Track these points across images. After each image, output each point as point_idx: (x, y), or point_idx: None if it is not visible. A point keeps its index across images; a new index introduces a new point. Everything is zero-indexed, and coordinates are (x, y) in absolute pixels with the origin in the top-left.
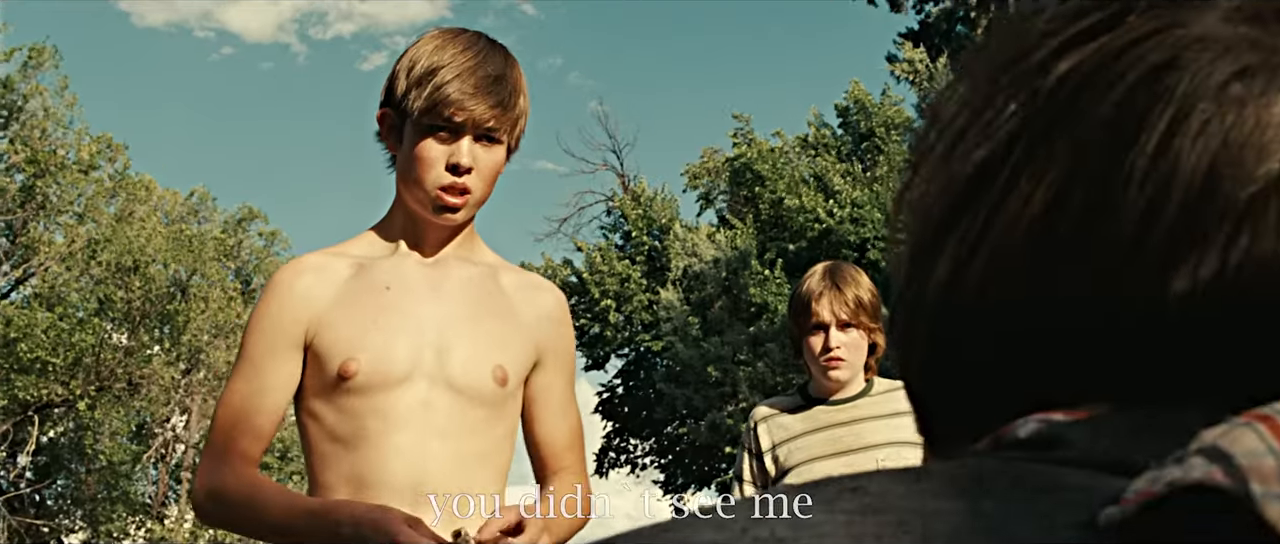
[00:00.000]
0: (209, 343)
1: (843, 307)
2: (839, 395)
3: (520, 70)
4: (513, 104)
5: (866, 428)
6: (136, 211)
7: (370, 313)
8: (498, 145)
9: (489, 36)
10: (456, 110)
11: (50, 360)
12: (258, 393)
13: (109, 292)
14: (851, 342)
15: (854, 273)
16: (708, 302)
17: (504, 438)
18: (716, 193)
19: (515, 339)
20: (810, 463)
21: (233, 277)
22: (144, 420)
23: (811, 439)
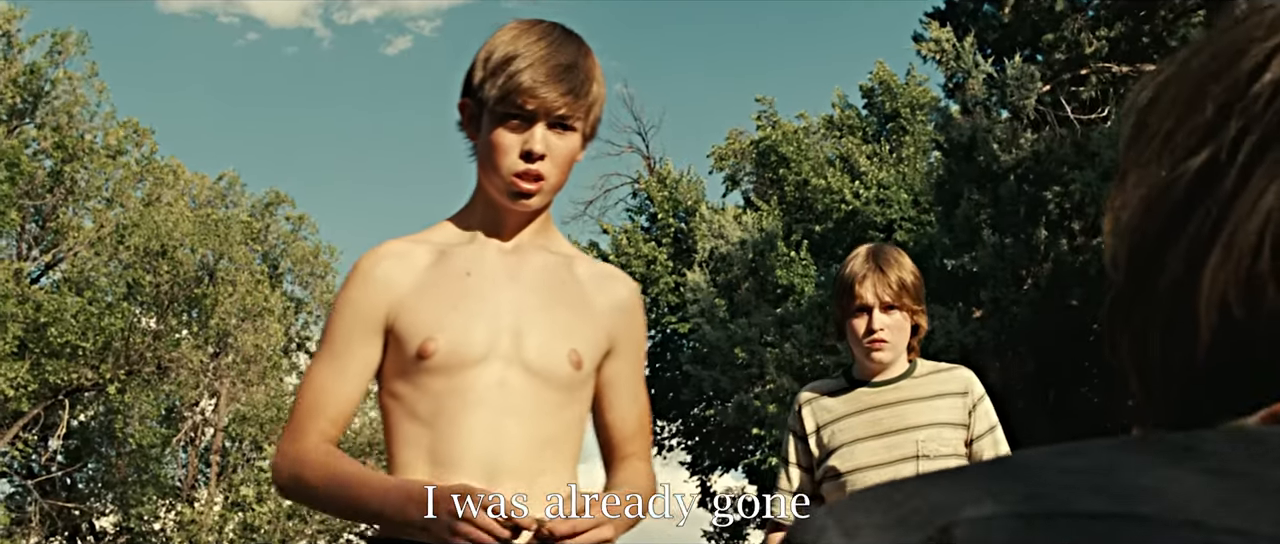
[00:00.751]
0: (237, 326)
1: (886, 288)
2: (881, 377)
3: (595, 59)
4: (585, 92)
5: (908, 409)
6: (164, 196)
7: (450, 296)
8: (571, 132)
9: (565, 27)
10: (528, 98)
11: (80, 344)
12: (337, 376)
13: (138, 276)
14: (894, 323)
15: (897, 255)
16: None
17: (576, 422)
18: (742, 174)
19: (588, 326)
20: (852, 444)
21: (260, 260)
22: (173, 404)
23: (854, 421)
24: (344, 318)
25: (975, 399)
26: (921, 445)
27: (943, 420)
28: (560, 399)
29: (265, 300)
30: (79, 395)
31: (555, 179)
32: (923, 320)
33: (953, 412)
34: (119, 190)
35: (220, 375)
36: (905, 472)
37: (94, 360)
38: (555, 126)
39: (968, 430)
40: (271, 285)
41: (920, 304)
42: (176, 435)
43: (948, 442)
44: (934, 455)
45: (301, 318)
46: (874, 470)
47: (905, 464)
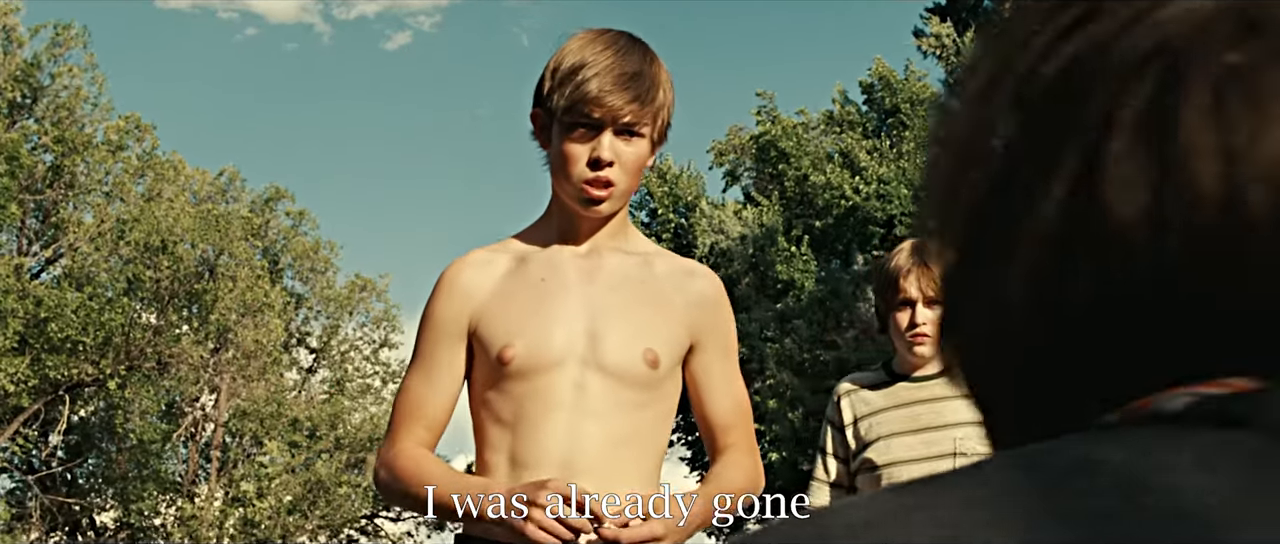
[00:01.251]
0: (237, 322)
1: (930, 283)
2: (921, 372)
3: (661, 66)
4: (650, 98)
5: (947, 406)
6: (164, 191)
7: (527, 302)
8: (639, 139)
9: (631, 35)
10: (594, 106)
11: (81, 340)
12: (427, 385)
13: (138, 271)
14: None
15: None
16: (734, 278)
17: (658, 419)
18: (742, 170)
19: (666, 324)
20: (889, 438)
21: (260, 256)
22: (173, 399)
23: (892, 415)
24: (431, 329)
25: None
26: (959, 443)
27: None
28: (638, 398)
29: (265, 296)
30: (79, 391)
31: (625, 184)
32: None
33: None
34: (119, 185)
35: (220, 371)
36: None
37: (94, 356)
38: (623, 134)
39: None
40: (272, 281)
41: None
42: (177, 431)
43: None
44: (971, 453)
45: (302, 313)
46: (910, 465)
47: (942, 460)
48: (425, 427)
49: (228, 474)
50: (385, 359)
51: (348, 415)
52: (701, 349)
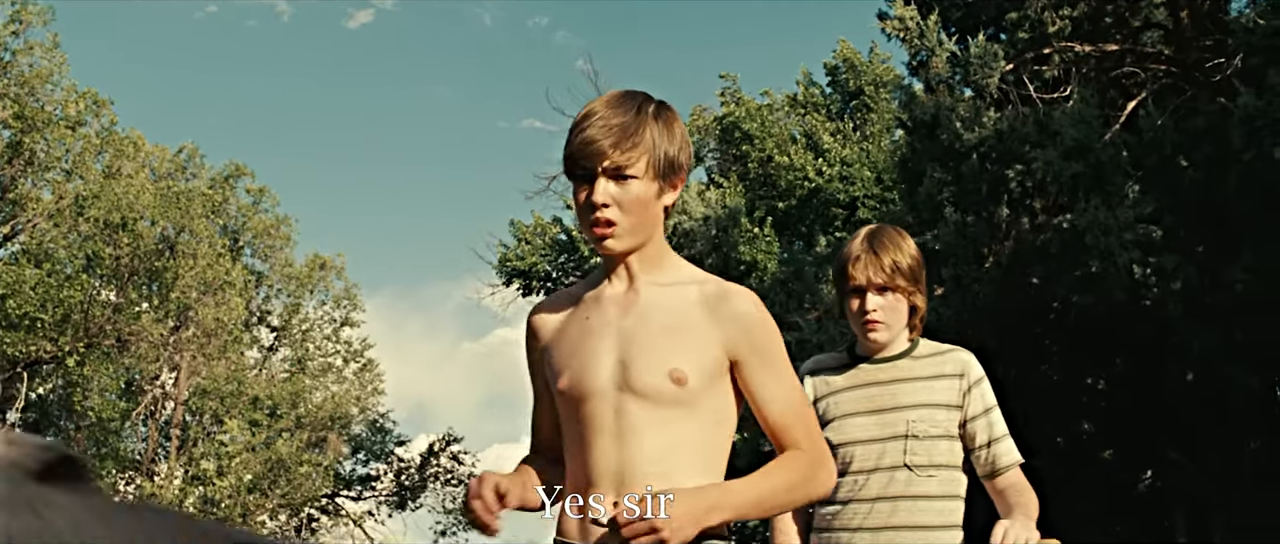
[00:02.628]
0: (197, 300)
1: (878, 270)
2: (881, 355)
3: (653, 111)
4: (631, 142)
5: (903, 388)
6: (124, 168)
7: (572, 341)
8: (633, 180)
9: (634, 92)
10: (580, 157)
11: (39, 317)
12: (536, 403)
13: (97, 248)
14: (888, 304)
15: (896, 237)
16: (698, 259)
17: (700, 429)
18: (706, 151)
19: (696, 343)
20: (846, 418)
21: (220, 233)
22: (133, 377)
23: (849, 395)
24: (529, 364)
25: (972, 381)
26: (911, 425)
27: (936, 402)
28: (674, 414)
29: (226, 274)
30: (37, 368)
31: (627, 222)
32: (920, 302)
33: (947, 393)
34: (79, 162)
35: (180, 349)
36: (893, 449)
37: (53, 333)
38: (615, 178)
39: (962, 412)
40: (232, 258)
41: (917, 285)
42: (136, 409)
43: (938, 423)
44: (923, 435)
45: (262, 291)
46: (864, 445)
47: (894, 442)
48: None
49: (188, 452)
50: (346, 338)
51: (309, 394)
52: (743, 363)
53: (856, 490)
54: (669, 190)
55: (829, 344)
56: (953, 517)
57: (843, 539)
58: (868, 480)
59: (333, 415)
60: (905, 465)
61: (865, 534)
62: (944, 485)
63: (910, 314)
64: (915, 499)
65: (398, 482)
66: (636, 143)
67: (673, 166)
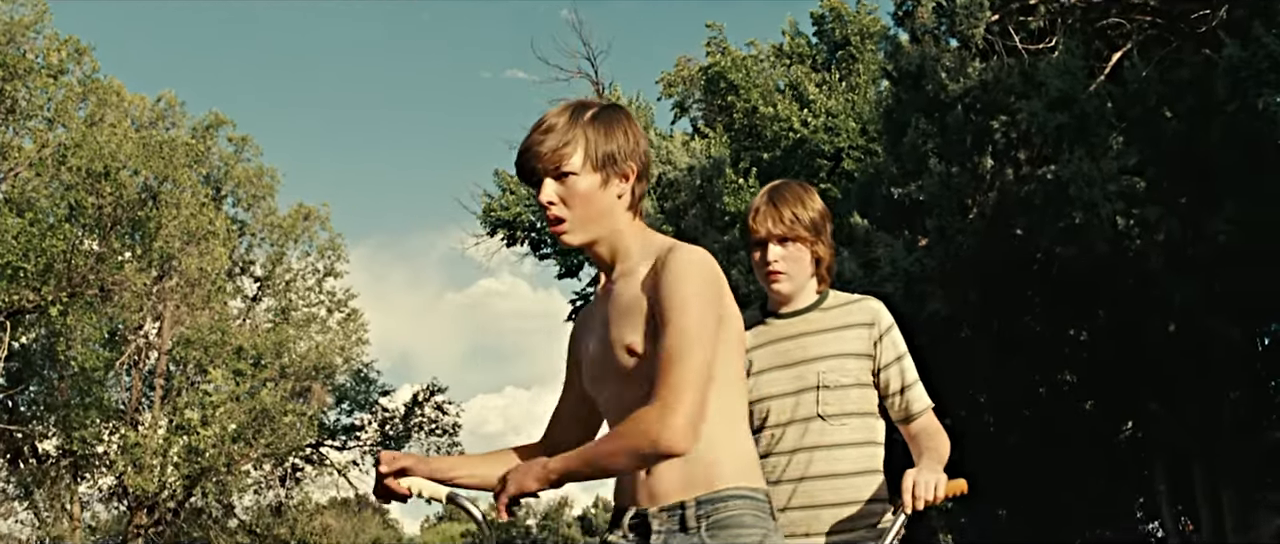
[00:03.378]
0: (181, 249)
1: (778, 222)
2: (789, 308)
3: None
4: (555, 142)
5: (812, 341)
6: (107, 117)
7: (584, 329)
8: (572, 176)
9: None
10: (522, 164)
11: (21, 266)
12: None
13: (79, 197)
14: (789, 255)
15: (799, 191)
16: (682, 209)
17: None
18: (691, 101)
19: (636, 316)
20: (760, 375)
21: (203, 183)
22: (116, 327)
23: (761, 352)
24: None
25: (882, 330)
26: (822, 376)
27: (847, 351)
28: (638, 388)
29: (210, 223)
30: (20, 317)
31: (575, 216)
32: (824, 253)
33: (857, 343)
34: (61, 110)
35: (164, 298)
36: (806, 401)
37: (36, 282)
38: (556, 177)
39: (874, 360)
40: (215, 208)
41: (819, 237)
42: (120, 358)
43: (849, 372)
44: (835, 386)
45: (245, 241)
46: (778, 399)
47: (807, 393)
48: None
49: (172, 402)
50: (330, 288)
51: (293, 344)
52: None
53: (774, 444)
54: (616, 180)
55: None
56: (870, 462)
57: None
58: (784, 433)
59: (317, 365)
60: (818, 416)
61: (785, 486)
62: (857, 432)
63: (816, 266)
64: (831, 448)
65: (382, 432)
66: (569, 140)
67: (613, 159)
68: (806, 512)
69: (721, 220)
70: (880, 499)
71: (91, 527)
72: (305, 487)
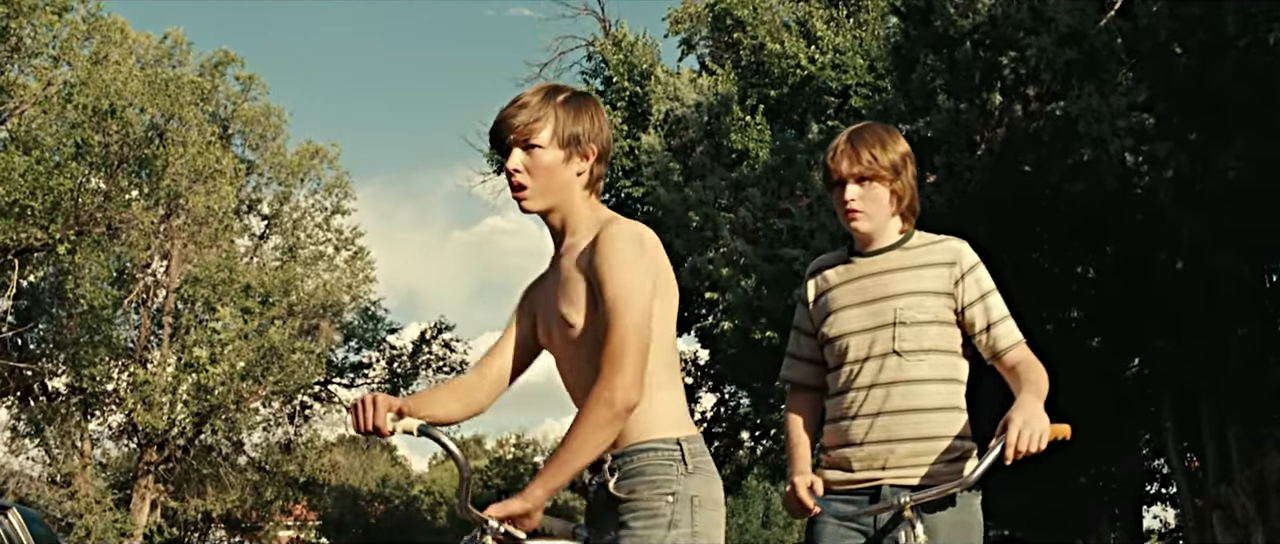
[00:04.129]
0: (188, 188)
1: (854, 162)
2: (872, 247)
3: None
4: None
5: (892, 278)
6: (112, 55)
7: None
8: (537, 148)
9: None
10: (495, 134)
11: (29, 204)
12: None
13: (86, 135)
14: (868, 195)
15: (880, 132)
16: (689, 147)
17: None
18: (698, 38)
19: (577, 291)
20: (840, 311)
21: (210, 121)
22: (124, 265)
23: (843, 290)
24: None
25: (964, 269)
26: (899, 313)
27: (925, 289)
28: (584, 351)
29: (216, 162)
30: (28, 256)
31: (536, 184)
32: (903, 192)
33: (937, 281)
34: (66, 48)
35: (171, 237)
36: (883, 337)
37: (43, 220)
38: (524, 148)
39: (954, 299)
40: (222, 147)
41: (899, 177)
42: (128, 297)
43: (927, 309)
44: (912, 322)
45: (252, 180)
46: (857, 335)
47: (883, 330)
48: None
49: (180, 340)
50: (337, 226)
51: (300, 282)
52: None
53: (853, 379)
54: (578, 159)
55: (819, 230)
56: (950, 399)
57: (844, 426)
58: (862, 368)
59: (324, 303)
60: (894, 352)
61: (863, 420)
62: (936, 369)
63: (896, 205)
64: (908, 383)
65: (390, 369)
66: (539, 117)
67: (577, 140)
68: (883, 445)
69: (728, 157)
70: (962, 437)
71: (102, 464)
72: (314, 424)
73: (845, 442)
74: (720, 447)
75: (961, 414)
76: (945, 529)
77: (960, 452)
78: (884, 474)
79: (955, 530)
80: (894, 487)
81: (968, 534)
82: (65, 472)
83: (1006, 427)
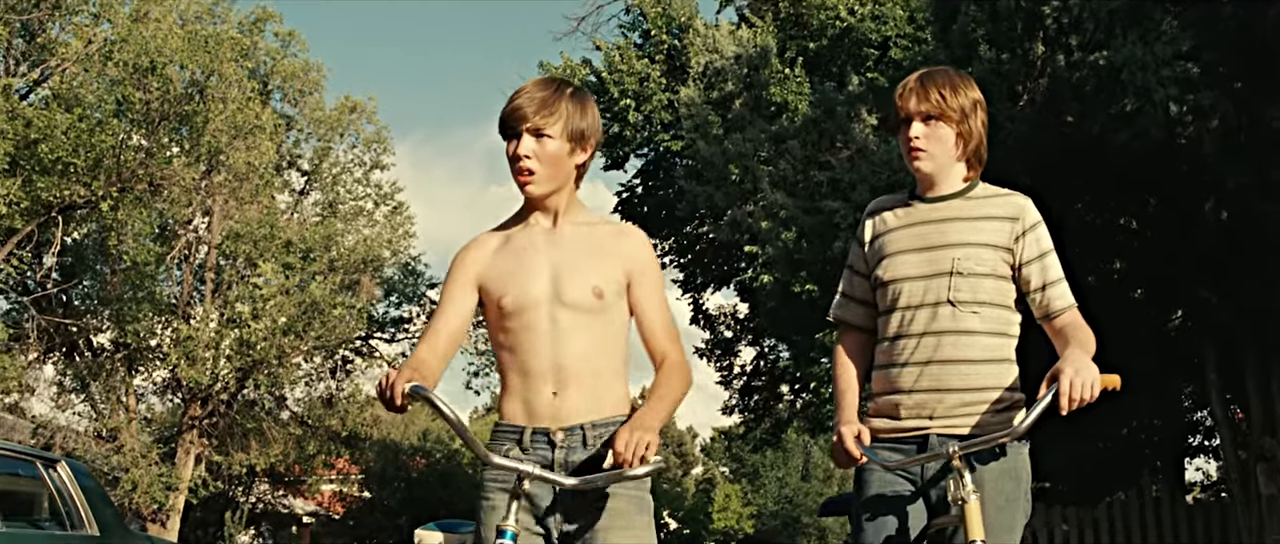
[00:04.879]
0: (228, 144)
1: (922, 100)
2: (934, 193)
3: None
4: (546, 110)
5: (952, 227)
6: (151, 12)
7: (510, 265)
8: (548, 138)
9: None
10: (507, 118)
11: (71, 161)
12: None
13: (127, 92)
14: (931, 133)
15: (952, 75)
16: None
17: (612, 331)
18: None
19: (607, 267)
20: (896, 255)
21: (249, 77)
22: (166, 222)
23: (902, 233)
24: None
25: (1026, 226)
26: (957, 262)
27: (984, 241)
28: (592, 320)
29: (257, 118)
30: (72, 213)
31: (543, 172)
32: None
33: (997, 234)
34: (105, 6)
35: (212, 193)
36: (938, 286)
37: (86, 178)
38: (536, 136)
39: (1012, 255)
40: (262, 103)
41: (968, 120)
42: (171, 253)
43: (985, 261)
44: (968, 273)
45: (292, 135)
46: (912, 282)
47: (939, 278)
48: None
49: (222, 296)
50: (377, 181)
51: (341, 238)
52: (637, 284)
53: (905, 326)
54: (579, 152)
55: (860, 183)
56: (1001, 352)
57: (893, 373)
58: (914, 316)
59: (365, 259)
60: (949, 301)
61: (913, 368)
62: (988, 322)
63: (962, 149)
64: (960, 334)
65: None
66: (553, 110)
67: (582, 135)
68: (931, 394)
69: (768, 110)
70: (1011, 389)
71: (147, 419)
72: (355, 378)
73: (894, 388)
74: (759, 400)
75: (1012, 367)
76: (992, 479)
77: (1009, 403)
78: (932, 423)
79: (1002, 480)
80: (942, 436)
81: (1016, 484)
82: (111, 427)
83: (1057, 376)
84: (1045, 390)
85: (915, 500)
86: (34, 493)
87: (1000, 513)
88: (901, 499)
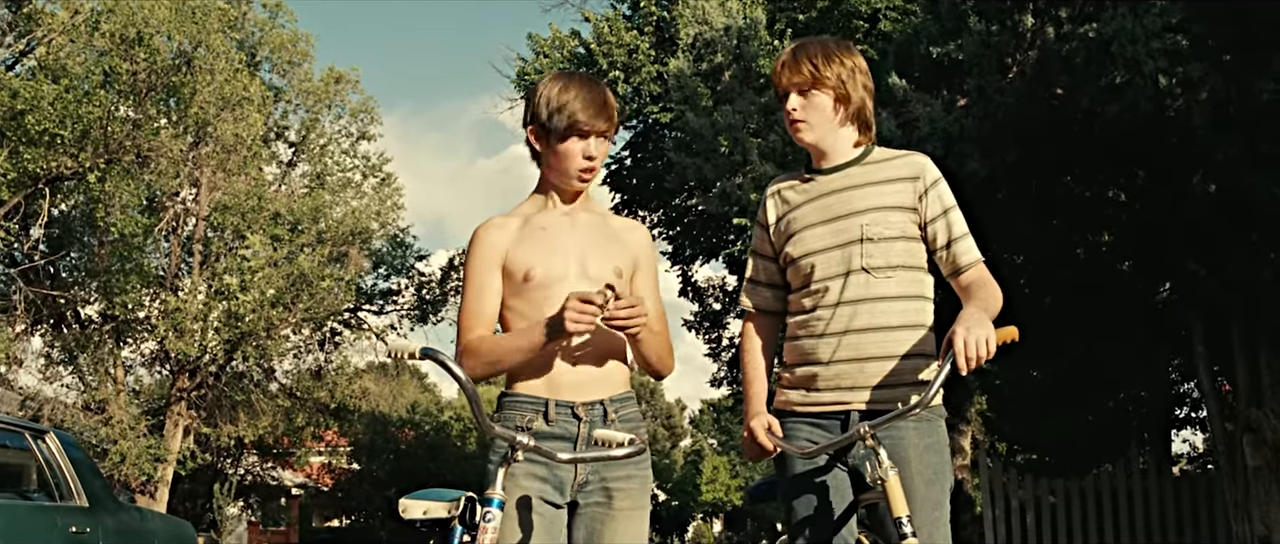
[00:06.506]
0: (216, 115)
1: (794, 73)
2: (829, 162)
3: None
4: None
5: (855, 195)
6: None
7: (538, 241)
8: (606, 140)
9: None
10: (585, 124)
11: (58, 132)
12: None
13: (114, 63)
14: (808, 104)
15: (826, 43)
16: (718, 71)
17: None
18: None
19: (622, 251)
20: (804, 231)
21: (237, 48)
22: (154, 193)
23: (807, 208)
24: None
25: (928, 184)
26: (865, 229)
27: (889, 204)
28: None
29: (244, 89)
30: (59, 184)
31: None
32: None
33: (900, 196)
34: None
35: (200, 164)
36: (851, 254)
37: (73, 149)
38: (603, 137)
39: (919, 214)
40: (249, 74)
41: (845, 86)
42: (159, 224)
43: (893, 224)
44: (878, 238)
45: (280, 107)
46: (823, 254)
47: (850, 247)
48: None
49: (210, 267)
50: (364, 152)
51: (329, 209)
52: (639, 272)
53: (820, 299)
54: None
55: None
56: (917, 317)
57: (808, 345)
58: (828, 287)
59: (353, 230)
60: (862, 269)
61: (830, 339)
62: (903, 286)
63: (842, 114)
64: (876, 301)
65: (419, 296)
66: (613, 115)
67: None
68: (852, 364)
69: (757, 82)
70: (926, 354)
71: (135, 390)
72: (344, 351)
73: (810, 360)
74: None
75: (926, 330)
76: (918, 455)
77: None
78: (851, 398)
79: (927, 454)
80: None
81: (939, 456)
82: (99, 398)
83: (950, 342)
84: (942, 358)
85: (839, 475)
86: (22, 464)
87: (929, 487)
88: (825, 475)
